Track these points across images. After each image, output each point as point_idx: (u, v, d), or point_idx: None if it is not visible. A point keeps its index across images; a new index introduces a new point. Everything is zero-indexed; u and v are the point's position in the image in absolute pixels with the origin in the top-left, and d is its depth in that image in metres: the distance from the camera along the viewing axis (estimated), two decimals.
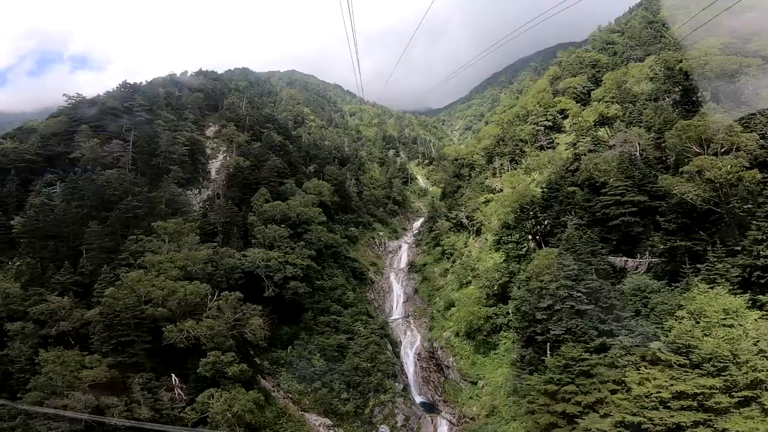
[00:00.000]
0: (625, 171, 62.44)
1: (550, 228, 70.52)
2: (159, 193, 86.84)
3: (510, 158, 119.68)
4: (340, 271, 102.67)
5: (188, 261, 69.47)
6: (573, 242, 56.72)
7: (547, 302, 52.66)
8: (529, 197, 77.22)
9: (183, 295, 64.87)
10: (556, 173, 79.99)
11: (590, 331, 49.61)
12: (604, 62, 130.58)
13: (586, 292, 50.55)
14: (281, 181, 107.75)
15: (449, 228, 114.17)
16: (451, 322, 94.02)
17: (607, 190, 63.03)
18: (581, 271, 51.74)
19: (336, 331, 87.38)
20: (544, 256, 58.79)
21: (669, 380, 40.57)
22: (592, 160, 69.14)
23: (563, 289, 51.11)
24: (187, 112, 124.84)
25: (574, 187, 71.29)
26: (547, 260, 57.37)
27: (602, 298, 50.75)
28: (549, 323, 52.37)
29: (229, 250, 78.65)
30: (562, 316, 51.22)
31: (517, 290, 74.64)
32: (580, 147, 78.30)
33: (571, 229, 60.97)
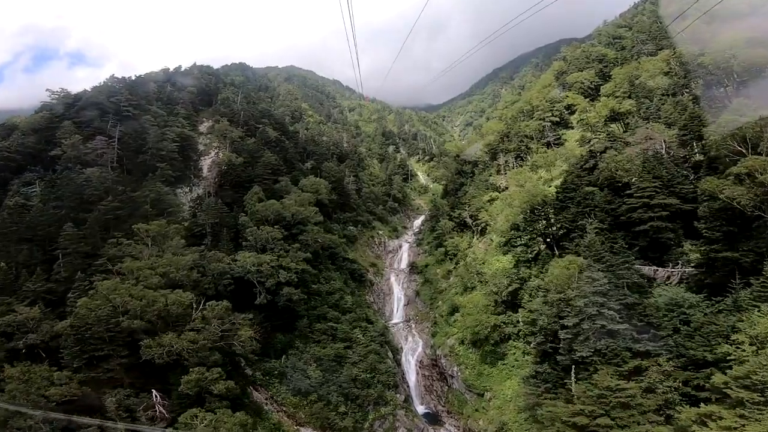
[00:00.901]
0: (652, 171, 55.41)
1: (566, 231, 63.52)
2: (143, 192, 79.68)
3: (515, 155, 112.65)
4: (337, 274, 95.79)
5: (171, 267, 62.46)
6: (596, 249, 49.81)
7: (573, 320, 45.67)
8: (541, 197, 70.21)
9: (163, 306, 58.08)
10: (570, 172, 72.76)
11: (623, 352, 42.69)
12: (612, 57, 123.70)
13: (619, 309, 43.56)
14: (276, 178, 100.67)
15: (452, 228, 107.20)
16: (455, 328, 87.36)
17: (633, 192, 56.11)
18: (612, 285, 44.72)
19: (333, 339, 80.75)
20: (564, 265, 51.75)
21: (739, 420, 33.14)
22: (614, 158, 62.05)
23: (592, 307, 44.23)
24: (178, 108, 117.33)
25: (592, 188, 64.28)
26: (567, 270, 50.37)
27: (636, 316, 43.78)
28: (574, 343, 45.44)
29: (218, 254, 71.70)
30: (590, 336, 44.28)
31: (528, 298, 68.14)
32: (596, 144, 70.89)
33: (592, 235, 53.98)
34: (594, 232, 54.68)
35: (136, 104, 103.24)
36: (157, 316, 58.60)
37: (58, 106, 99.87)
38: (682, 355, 42.20)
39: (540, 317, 53.19)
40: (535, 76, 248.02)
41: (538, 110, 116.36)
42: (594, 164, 68.77)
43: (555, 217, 65.71)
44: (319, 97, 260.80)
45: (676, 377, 41.83)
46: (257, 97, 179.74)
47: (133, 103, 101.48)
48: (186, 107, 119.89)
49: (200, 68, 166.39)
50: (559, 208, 65.14)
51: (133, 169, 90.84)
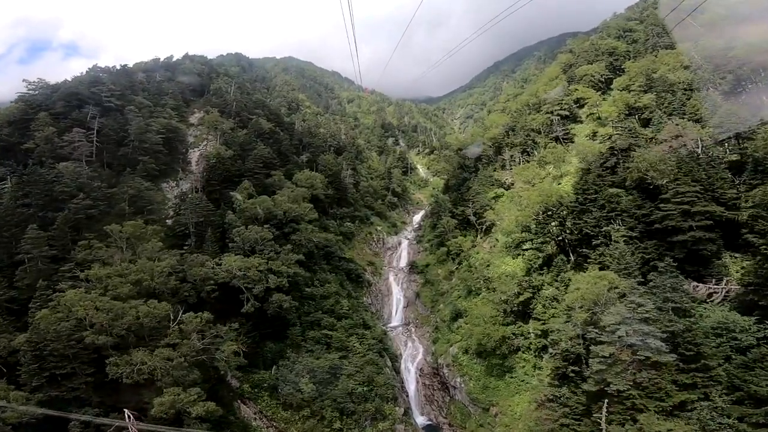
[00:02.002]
0: (690, 173, 47.78)
1: (586, 237, 56.03)
2: (121, 188, 71.81)
3: (521, 149, 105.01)
4: (333, 276, 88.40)
5: (144, 274, 55.02)
6: (626, 262, 42.39)
7: (609, 350, 38.43)
8: (556, 198, 62.69)
9: (134, 319, 50.79)
10: (587, 170, 64.97)
11: (668, 385, 35.48)
12: (623, 50, 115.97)
13: (665, 337, 36.32)
14: (268, 172, 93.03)
15: (455, 226, 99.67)
16: (459, 335, 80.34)
17: (670, 197, 48.41)
18: (657, 309, 37.42)
19: (328, 348, 73.77)
20: (592, 281, 44.32)
21: None
22: (645, 157, 54.34)
23: (635, 336, 36.93)
24: (167, 98, 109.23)
25: (617, 189, 56.57)
26: (596, 287, 42.95)
27: (684, 344, 36.54)
28: (607, 374, 38.17)
29: (201, 257, 64.22)
30: (628, 366, 37.00)
31: (542, 309, 60.95)
32: (618, 140, 62.93)
33: (622, 245, 46.56)
34: (623, 241, 47.21)
35: (120, 94, 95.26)
36: (127, 330, 51.40)
37: (39, 97, 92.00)
38: (737, 387, 35.10)
39: (561, 338, 45.94)
40: (538, 69, 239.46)
41: (546, 103, 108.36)
42: (615, 162, 61.09)
43: (574, 221, 58.19)
44: (317, 89, 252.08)
45: (730, 413, 34.79)
46: (252, 88, 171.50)
47: (116, 94, 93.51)
48: (175, 98, 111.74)
49: (193, 58, 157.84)
50: (578, 211, 57.60)
51: (113, 163, 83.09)
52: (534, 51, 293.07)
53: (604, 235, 52.51)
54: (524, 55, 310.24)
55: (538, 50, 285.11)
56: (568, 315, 48.30)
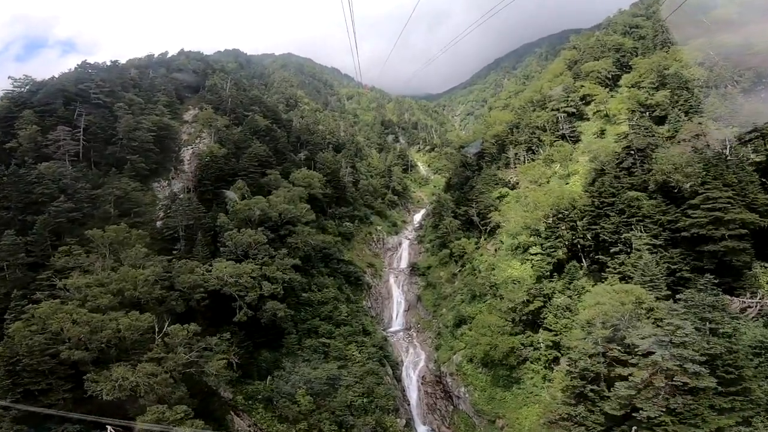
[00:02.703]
0: (720, 176, 43.39)
1: (603, 243, 51.69)
2: (106, 189, 67.37)
3: (526, 147, 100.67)
4: (331, 279, 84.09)
5: (127, 283, 50.73)
6: (652, 273, 38.06)
7: (641, 374, 34.28)
8: (568, 201, 58.32)
9: (113, 332, 46.53)
10: (601, 170, 60.46)
11: (704, 411, 31.41)
12: (629, 46, 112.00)
13: (704, 361, 32.18)
14: (264, 171, 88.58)
15: (457, 227, 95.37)
16: (463, 343, 76.31)
17: (699, 202, 44.05)
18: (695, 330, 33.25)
19: (325, 358, 69.63)
20: (617, 297, 40.03)
21: None
22: (670, 158, 49.89)
23: (671, 361, 32.72)
24: (159, 95, 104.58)
25: (637, 192, 52.08)
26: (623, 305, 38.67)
27: (724, 366, 32.41)
28: (637, 399, 34.00)
29: (190, 263, 59.82)
30: (661, 392, 32.87)
31: (553, 318, 56.73)
32: (635, 140, 58.38)
33: (646, 254, 42.28)
34: (646, 250, 42.92)
35: (109, 91, 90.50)
36: (106, 344, 47.26)
37: (26, 94, 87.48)
38: None
39: (580, 356, 41.77)
40: (540, 65, 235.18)
41: (551, 100, 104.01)
42: (632, 163, 56.63)
43: (589, 226, 53.83)
44: (316, 85, 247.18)
45: None
46: (250, 85, 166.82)
47: (105, 90, 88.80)
48: (168, 94, 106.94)
49: (188, 54, 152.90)
50: (594, 215, 53.23)
51: (101, 162, 78.67)
52: (535, 48, 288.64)
53: (623, 242, 48.25)
54: (524, 52, 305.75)
55: (539, 47, 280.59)
56: (587, 331, 44.02)
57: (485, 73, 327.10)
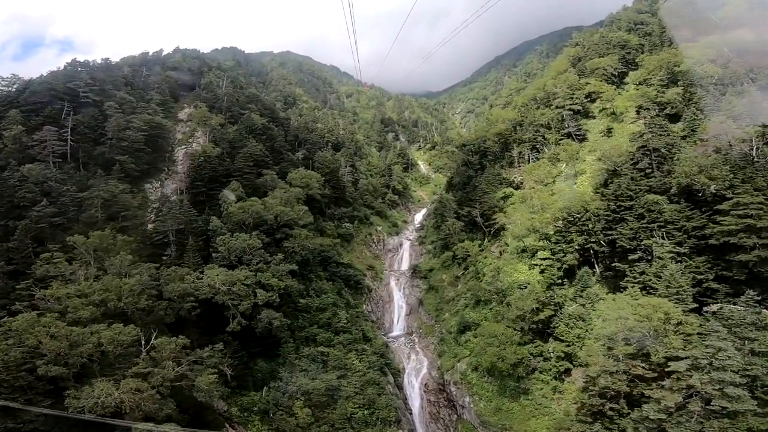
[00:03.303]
0: (750, 179, 39.83)
1: (622, 250, 48.08)
2: (92, 192, 63.74)
3: (531, 146, 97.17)
4: (330, 284, 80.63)
5: (110, 293, 47.28)
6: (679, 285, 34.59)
7: (674, 398, 30.95)
8: (580, 203, 54.72)
9: (94, 347, 43.11)
10: (614, 171, 56.82)
11: None
12: (635, 43, 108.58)
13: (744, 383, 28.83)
14: (259, 171, 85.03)
15: (461, 228, 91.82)
16: (467, 350, 72.89)
17: (728, 208, 40.45)
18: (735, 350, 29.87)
19: (324, 367, 66.16)
20: (642, 311, 36.54)
21: None
22: (694, 159, 46.25)
23: (711, 385, 29.32)
24: (152, 93, 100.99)
25: (657, 196, 48.43)
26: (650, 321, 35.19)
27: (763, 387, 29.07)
28: (668, 423, 30.61)
29: (179, 271, 56.30)
30: (695, 415, 29.51)
31: (565, 328, 53.26)
32: (652, 139, 54.53)
33: (671, 264, 38.82)
34: (670, 258, 39.44)
35: (99, 90, 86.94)
36: (88, 359, 43.88)
37: (14, 93, 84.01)
38: None
39: (599, 373, 38.32)
40: (541, 63, 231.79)
41: (557, 97, 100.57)
42: (650, 164, 52.95)
43: (604, 231, 50.27)
44: (315, 83, 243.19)
45: None
46: (247, 83, 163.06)
47: (95, 89, 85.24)
48: (162, 93, 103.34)
49: (184, 52, 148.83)
50: (611, 219, 49.65)
51: (89, 163, 75.26)
52: (535, 45, 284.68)
53: (643, 249, 44.77)
54: (525, 49, 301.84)
55: (540, 44, 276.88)
56: (607, 346, 40.47)
57: (485, 70, 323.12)
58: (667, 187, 48.14)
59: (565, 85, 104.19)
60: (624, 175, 52.82)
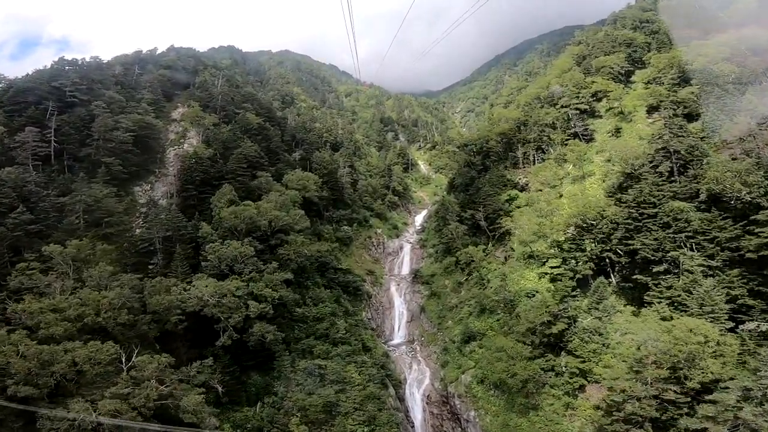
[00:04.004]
0: None
1: (645, 262, 44.07)
2: (74, 197, 59.66)
3: (536, 146, 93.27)
4: (327, 292, 76.65)
5: (87, 308, 43.38)
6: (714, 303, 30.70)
7: (718, 430, 26.97)
8: (596, 210, 50.74)
9: (67, 366, 39.25)
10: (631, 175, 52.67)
11: None
12: (641, 41, 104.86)
13: None
14: (254, 173, 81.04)
15: (464, 232, 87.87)
16: (472, 361, 69.11)
17: (766, 218, 36.46)
18: None
19: (321, 381, 62.04)
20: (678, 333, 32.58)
21: None
22: (725, 164, 42.23)
23: (763, 417, 25.59)
24: (144, 92, 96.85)
25: (682, 203, 44.35)
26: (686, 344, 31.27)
27: None
28: None
29: (165, 282, 52.36)
30: None
31: (580, 342, 49.35)
32: (672, 141, 50.28)
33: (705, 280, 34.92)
34: (700, 272, 35.55)
35: (87, 89, 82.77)
36: (62, 377, 40.05)
37: None
38: None
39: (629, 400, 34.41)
40: (542, 61, 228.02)
41: (564, 96, 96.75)
42: (671, 168, 48.84)
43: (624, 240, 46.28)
44: (314, 82, 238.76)
45: None
46: (244, 81, 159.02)
47: (82, 88, 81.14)
48: (154, 92, 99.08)
49: (179, 51, 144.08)
50: (631, 228, 45.63)
51: (74, 165, 71.29)
52: (535, 44, 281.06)
53: (669, 261, 40.89)
54: (525, 48, 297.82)
55: (540, 43, 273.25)
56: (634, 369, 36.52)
57: (485, 69, 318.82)
58: (693, 194, 44.17)
59: (571, 84, 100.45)
60: (644, 180, 48.76)
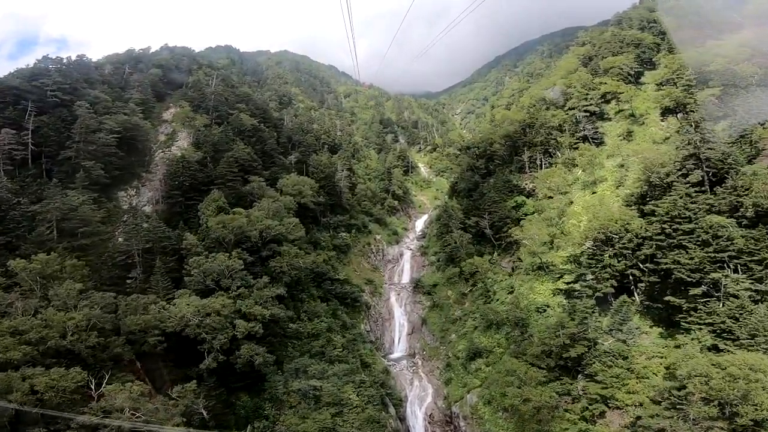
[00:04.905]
0: None
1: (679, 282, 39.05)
2: (45, 205, 54.45)
3: (542, 150, 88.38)
4: (324, 305, 71.57)
5: (51, 330, 38.38)
6: (765, 332, 25.83)
7: None
8: (621, 223, 45.75)
9: (23, 395, 34.23)
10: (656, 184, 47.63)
11: None
12: (650, 41, 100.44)
13: None
14: (246, 177, 76.05)
15: (468, 241, 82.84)
16: (478, 380, 64.25)
17: None
18: None
19: (317, 404, 56.92)
20: (735, 373, 27.66)
21: None
22: None
23: None
24: (132, 92, 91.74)
25: (720, 217, 39.28)
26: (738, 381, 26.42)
27: None
28: None
29: (142, 299, 47.31)
30: None
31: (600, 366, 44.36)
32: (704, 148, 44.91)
33: (747, 302, 30.00)
34: (748, 297, 30.68)
35: (71, 88, 77.66)
36: (20, 407, 35.04)
37: None
38: None
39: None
40: (544, 62, 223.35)
41: (572, 98, 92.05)
42: (704, 178, 43.67)
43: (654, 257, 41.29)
44: (312, 82, 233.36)
45: None
46: (240, 81, 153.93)
47: (64, 87, 75.98)
48: (143, 91, 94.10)
49: (173, 49, 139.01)
50: (664, 245, 40.59)
51: (53, 169, 66.25)
52: (536, 45, 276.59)
53: (709, 283, 36.01)
54: (525, 49, 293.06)
55: (541, 44, 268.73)
56: (674, 403, 31.50)
57: (485, 71, 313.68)
58: (733, 207, 39.22)
59: (579, 85, 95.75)
60: (675, 190, 43.67)
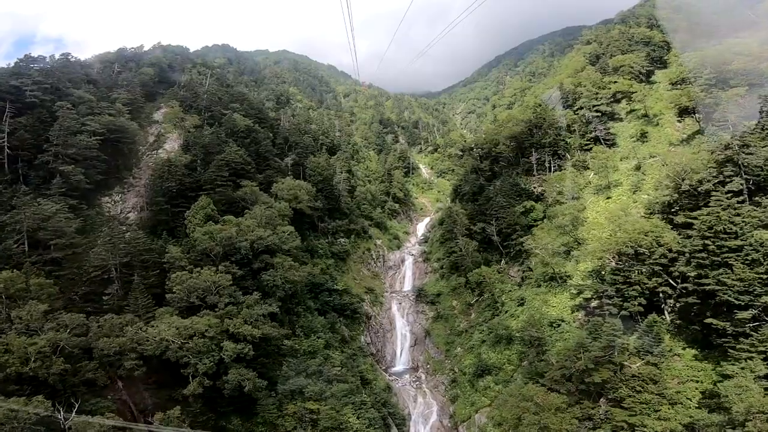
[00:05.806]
0: None
1: (724, 305, 34.25)
2: (14, 216, 49.50)
3: (551, 151, 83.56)
4: (321, 319, 66.86)
5: (12, 356, 33.67)
6: None
7: None
8: (652, 237, 40.92)
9: None
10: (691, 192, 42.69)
11: None
12: (659, 40, 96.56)
13: None
14: (238, 182, 71.17)
15: (474, 248, 78.00)
16: (487, 398, 59.65)
17: None
18: None
19: (314, 428, 52.08)
20: None
21: None
22: None
23: None
24: (120, 92, 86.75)
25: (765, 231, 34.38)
26: None
27: None
28: None
29: (117, 319, 42.45)
30: None
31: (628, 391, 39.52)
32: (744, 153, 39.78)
33: None
34: None
35: (53, 88, 72.77)
36: None
37: None
38: None
39: None
40: (546, 62, 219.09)
41: (582, 97, 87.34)
42: (743, 186, 38.71)
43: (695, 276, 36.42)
44: (311, 82, 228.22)
45: None
46: (237, 81, 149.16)
47: (45, 87, 71.12)
48: (132, 91, 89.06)
49: (166, 48, 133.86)
50: (706, 264, 35.72)
51: (29, 174, 61.41)
52: (537, 45, 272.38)
53: (759, 307, 31.34)
54: (526, 49, 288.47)
55: (542, 44, 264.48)
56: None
57: (486, 70, 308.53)
58: None
59: (589, 83, 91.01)
60: (713, 200, 38.63)
